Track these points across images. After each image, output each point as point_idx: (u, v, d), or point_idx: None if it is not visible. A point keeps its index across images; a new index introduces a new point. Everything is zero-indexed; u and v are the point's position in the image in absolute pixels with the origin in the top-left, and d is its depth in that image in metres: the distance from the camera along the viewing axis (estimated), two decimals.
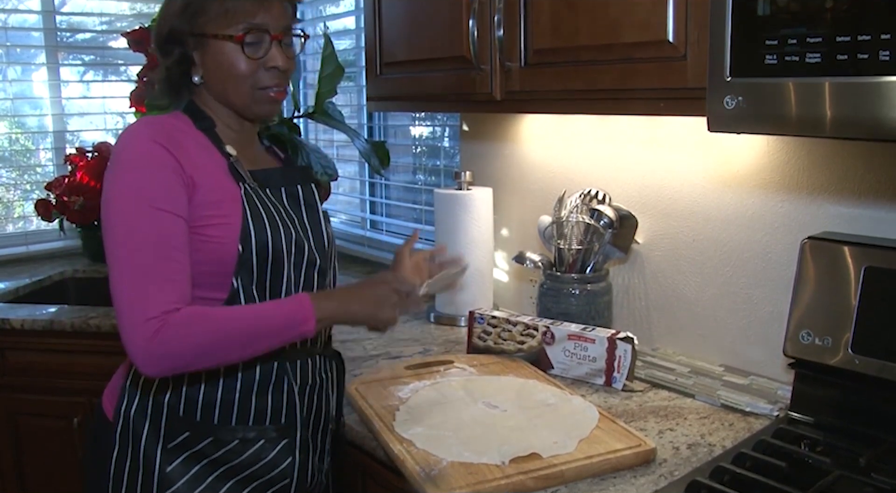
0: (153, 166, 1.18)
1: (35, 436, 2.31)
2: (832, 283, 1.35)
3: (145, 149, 1.19)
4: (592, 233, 1.79)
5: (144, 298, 1.12)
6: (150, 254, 1.15)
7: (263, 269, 1.24)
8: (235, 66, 1.26)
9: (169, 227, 1.17)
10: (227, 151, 1.29)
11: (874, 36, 0.97)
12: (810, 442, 1.30)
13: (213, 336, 1.14)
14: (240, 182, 1.26)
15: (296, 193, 1.36)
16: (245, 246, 1.22)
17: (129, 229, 1.15)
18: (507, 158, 2.18)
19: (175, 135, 1.23)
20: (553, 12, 1.50)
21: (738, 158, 1.60)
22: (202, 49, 1.27)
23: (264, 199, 1.28)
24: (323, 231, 1.38)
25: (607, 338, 1.59)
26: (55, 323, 2.22)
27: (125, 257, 1.15)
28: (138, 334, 1.11)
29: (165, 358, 1.12)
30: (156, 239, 1.16)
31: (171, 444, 1.24)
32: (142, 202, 1.16)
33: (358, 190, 3.12)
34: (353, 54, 2.96)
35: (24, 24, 3.10)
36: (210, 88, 1.30)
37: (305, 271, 1.31)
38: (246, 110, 1.31)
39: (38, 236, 3.06)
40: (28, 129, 3.17)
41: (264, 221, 1.24)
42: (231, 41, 1.24)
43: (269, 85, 1.29)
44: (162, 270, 1.15)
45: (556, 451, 1.26)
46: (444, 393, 1.52)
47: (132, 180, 1.18)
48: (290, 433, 1.30)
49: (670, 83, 1.31)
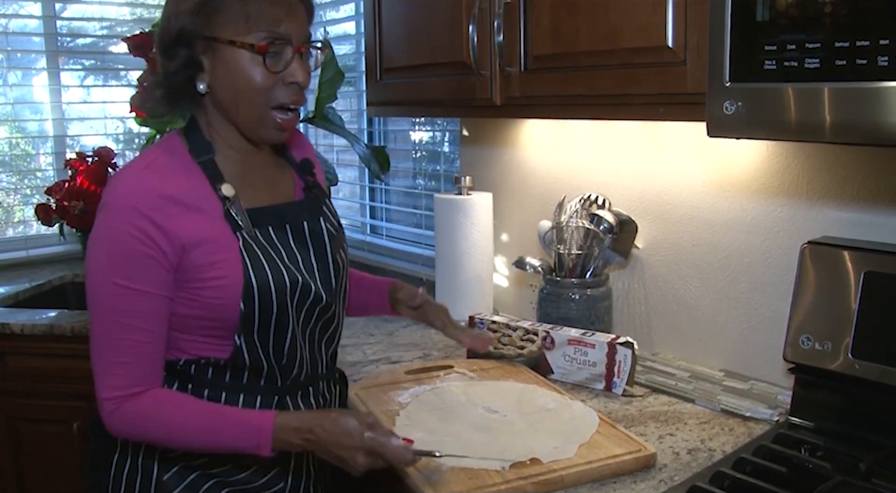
0: (126, 241, 1.11)
1: (35, 441, 2.31)
2: (832, 287, 1.35)
3: (120, 223, 1.12)
4: (592, 238, 1.79)
5: (103, 378, 1.15)
6: (112, 336, 1.14)
7: (267, 322, 1.19)
8: (251, 78, 1.13)
9: (136, 306, 1.13)
10: (224, 193, 1.18)
11: (873, 41, 0.97)
12: (811, 447, 1.30)
13: (164, 431, 1.16)
14: (237, 232, 1.17)
15: (301, 229, 1.27)
16: (247, 304, 1.16)
17: (95, 303, 1.15)
18: (507, 163, 2.18)
19: (164, 191, 1.13)
20: (553, 18, 1.50)
21: (738, 163, 1.61)
22: (213, 54, 1.14)
23: (265, 245, 1.20)
24: (329, 265, 1.28)
25: (607, 343, 1.59)
26: (55, 328, 2.22)
27: (92, 332, 1.16)
28: (99, 407, 1.16)
29: (121, 433, 1.18)
30: (118, 318, 1.13)
31: (169, 454, 1.23)
32: (110, 278, 1.13)
33: (358, 195, 3.12)
34: (353, 59, 2.97)
35: (24, 29, 3.10)
36: (216, 100, 1.19)
37: (308, 309, 1.25)
38: (251, 132, 1.20)
39: (38, 241, 3.06)
40: (28, 133, 3.18)
41: (267, 273, 1.17)
42: (251, 51, 1.12)
43: (285, 102, 1.17)
44: (117, 352, 1.14)
45: (557, 456, 1.26)
46: (445, 398, 1.52)
47: (104, 252, 1.13)
48: (284, 458, 1.27)
49: (670, 88, 1.31)
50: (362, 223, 3.05)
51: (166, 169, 1.17)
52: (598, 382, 1.61)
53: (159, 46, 1.18)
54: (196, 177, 1.19)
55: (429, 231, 2.57)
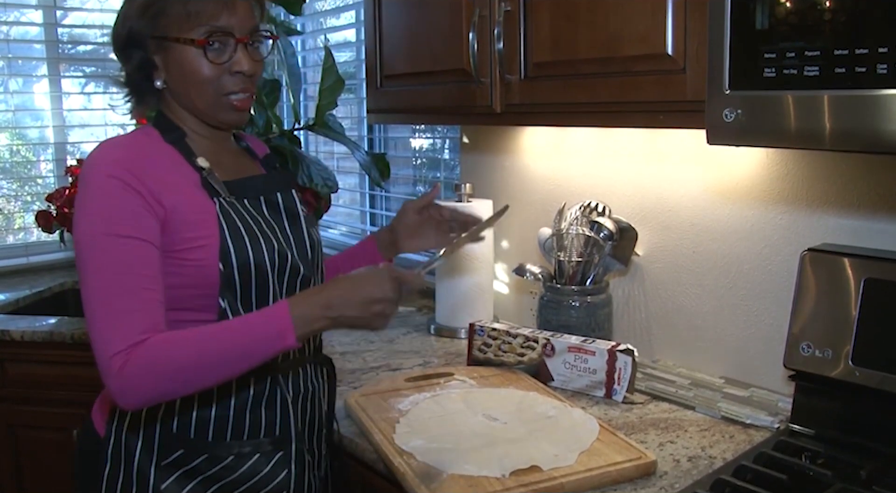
0: (113, 194, 1.14)
1: (34, 448, 2.31)
2: (832, 295, 1.35)
3: (102, 181, 1.15)
4: (592, 245, 1.80)
5: (110, 333, 1.09)
6: (112, 286, 1.11)
7: (248, 285, 1.21)
8: (198, 71, 1.21)
9: (133, 253, 1.13)
10: (199, 164, 1.24)
11: (872, 49, 0.97)
12: (811, 454, 1.30)
13: (183, 362, 1.09)
14: (214, 197, 1.22)
15: (276, 201, 1.32)
16: (226, 264, 1.18)
17: (92, 262, 1.13)
18: (507, 170, 2.19)
19: (140, 160, 1.18)
20: (553, 25, 1.50)
21: (738, 170, 1.61)
22: (164, 53, 1.21)
23: (242, 212, 1.24)
24: (305, 238, 1.33)
25: (607, 350, 1.59)
26: (55, 335, 2.22)
27: (90, 292, 1.12)
28: (108, 371, 1.08)
29: (137, 392, 1.09)
30: (118, 269, 1.12)
31: (165, 461, 1.23)
32: (103, 232, 1.13)
33: (358, 202, 3.12)
34: (354, 66, 2.97)
35: (25, 37, 3.11)
36: (174, 94, 1.26)
37: (289, 281, 1.27)
38: (211, 117, 1.27)
39: (38, 248, 3.07)
40: (29, 140, 3.18)
41: (244, 237, 1.21)
42: (193, 45, 1.19)
43: (234, 90, 1.24)
44: (126, 302, 1.11)
45: (557, 463, 1.26)
46: (445, 405, 1.52)
47: (93, 211, 1.14)
48: (286, 445, 1.28)
49: (669, 96, 1.32)
50: (362, 230, 3.05)
51: (142, 146, 1.23)
52: (598, 389, 1.61)
53: (115, 50, 1.26)
54: (170, 154, 1.24)
55: None
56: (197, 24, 1.19)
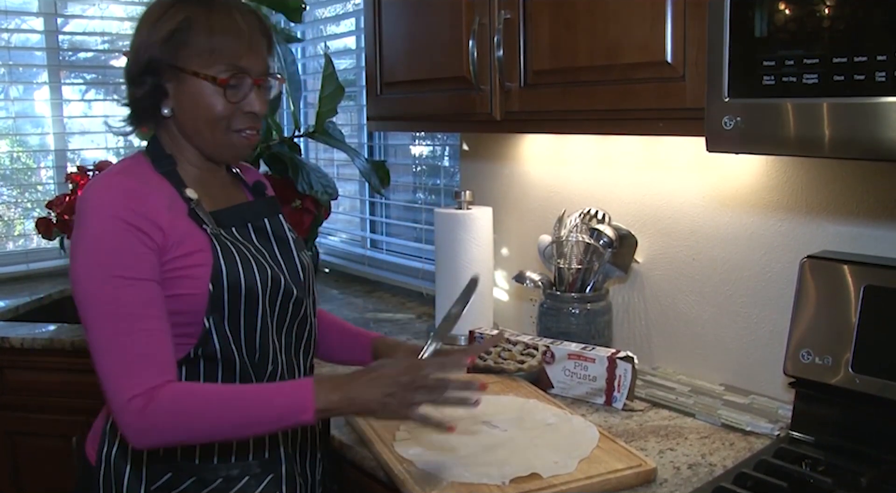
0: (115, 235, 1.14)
1: (33, 456, 2.30)
2: (832, 302, 1.35)
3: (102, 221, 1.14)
4: (592, 252, 1.80)
5: (126, 375, 1.10)
6: (123, 328, 1.12)
7: (236, 306, 1.21)
8: (212, 107, 1.21)
9: (142, 295, 1.14)
10: (188, 195, 1.24)
11: (870, 57, 0.98)
12: (812, 462, 1.30)
13: (203, 417, 1.11)
14: (203, 226, 1.22)
15: (264, 228, 1.33)
16: (216, 285, 1.19)
17: (98, 306, 1.13)
18: (507, 177, 2.19)
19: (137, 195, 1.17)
20: (552, 33, 1.51)
21: (737, 177, 1.61)
22: (178, 82, 1.22)
23: (233, 239, 1.25)
24: (296, 261, 1.34)
25: (607, 357, 1.59)
26: (55, 342, 2.22)
27: (100, 334, 1.12)
28: (125, 411, 1.10)
29: (153, 433, 1.11)
30: (127, 311, 1.12)
31: (155, 485, 1.22)
32: (109, 274, 1.13)
33: (358, 209, 3.12)
34: (354, 74, 2.98)
35: (26, 44, 3.12)
36: (178, 123, 1.25)
37: (281, 304, 1.27)
38: (213, 151, 1.28)
39: (38, 255, 3.06)
40: (29, 147, 3.19)
41: (236, 261, 1.21)
42: (213, 83, 1.20)
43: (243, 128, 1.25)
44: (138, 345, 1.12)
45: (557, 471, 1.26)
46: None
47: (97, 252, 1.14)
48: (275, 467, 1.27)
49: (669, 104, 1.32)
50: (362, 238, 3.05)
51: (136, 175, 1.22)
52: (598, 396, 1.60)
53: (128, 74, 1.25)
54: (161, 185, 1.23)
55: (429, 245, 2.58)
56: (219, 60, 1.20)
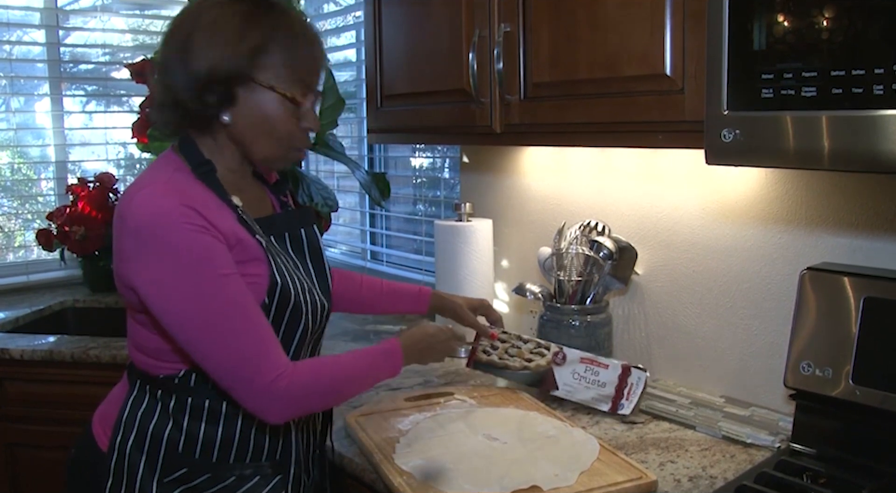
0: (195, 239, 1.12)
1: (33, 467, 2.29)
2: (832, 314, 1.35)
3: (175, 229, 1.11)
4: (592, 264, 1.80)
5: (263, 358, 1.14)
6: (241, 319, 1.14)
7: (280, 317, 1.22)
8: (281, 124, 1.21)
9: (239, 285, 1.15)
10: (234, 201, 1.22)
11: (868, 70, 0.98)
12: (812, 474, 1.30)
13: (331, 388, 1.22)
14: (255, 235, 1.21)
15: (299, 237, 1.33)
16: (270, 298, 1.20)
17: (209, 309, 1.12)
18: (507, 189, 2.19)
19: (193, 201, 1.14)
20: (552, 46, 1.51)
21: (736, 189, 1.61)
22: (249, 93, 1.19)
23: (276, 250, 1.24)
24: (327, 275, 1.37)
25: (622, 365, 1.59)
26: (55, 353, 2.21)
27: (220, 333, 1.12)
28: (268, 391, 1.14)
29: (295, 407, 1.18)
30: (240, 303, 1.14)
31: (168, 478, 1.23)
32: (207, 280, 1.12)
33: (358, 221, 3.13)
34: (354, 86, 2.99)
35: (27, 56, 3.13)
36: (234, 131, 1.22)
37: (316, 318, 1.29)
38: (264, 162, 1.28)
39: (38, 266, 3.06)
40: (30, 158, 3.19)
41: (284, 272, 1.22)
42: (289, 101, 1.20)
43: (300, 145, 1.27)
44: (261, 328, 1.16)
45: (557, 483, 1.26)
46: (445, 425, 1.51)
47: (187, 266, 1.11)
48: (285, 468, 1.29)
49: (668, 116, 1.33)
50: (363, 249, 3.05)
51: (181, 185, 1.18)
52: (604, 403, 1.60)
53: (196, 81, 1.17)
54: (204, 190, 1.20)
55: (429, 257, 2.58)
56: (297, 77, 1.21)
